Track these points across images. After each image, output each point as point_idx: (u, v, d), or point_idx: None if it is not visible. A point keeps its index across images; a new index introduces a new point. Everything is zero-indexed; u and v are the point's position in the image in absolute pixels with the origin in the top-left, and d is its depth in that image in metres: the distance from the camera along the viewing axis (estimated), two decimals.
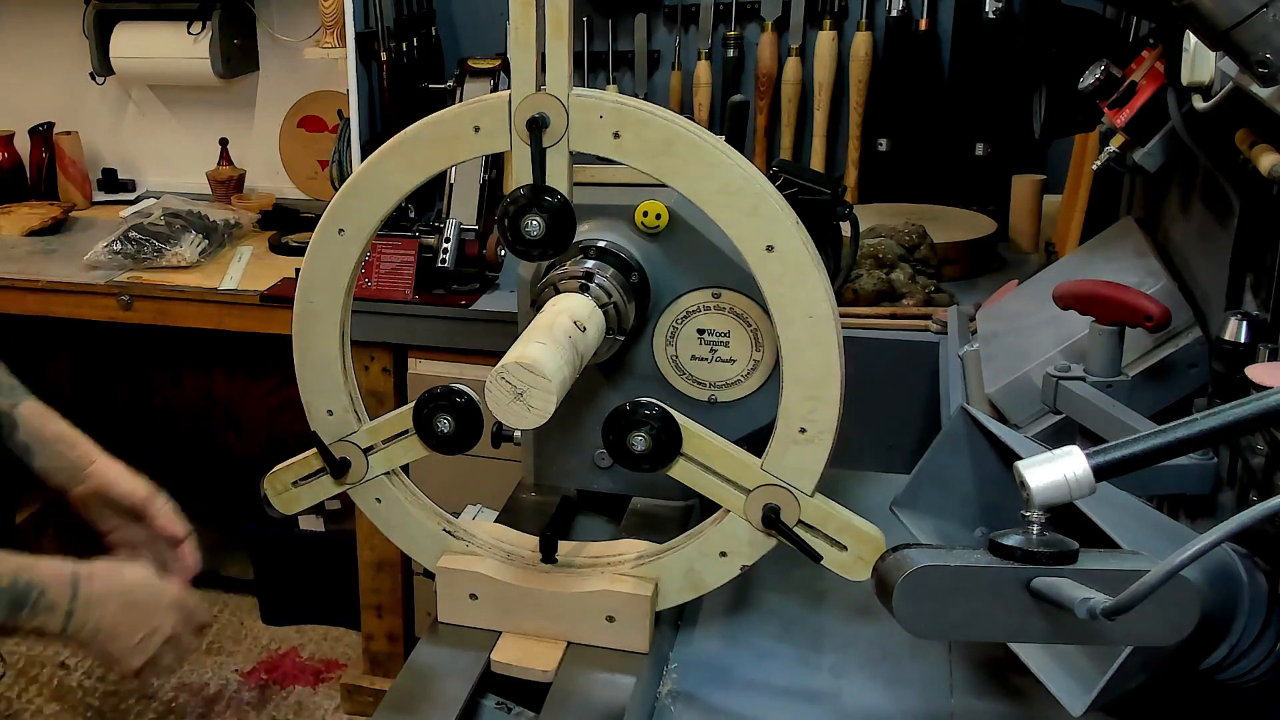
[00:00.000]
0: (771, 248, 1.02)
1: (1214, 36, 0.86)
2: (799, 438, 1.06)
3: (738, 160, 1.02)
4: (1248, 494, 1.08)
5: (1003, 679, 1.10)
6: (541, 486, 1.38)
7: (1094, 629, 0.71)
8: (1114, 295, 1.30)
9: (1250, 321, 1.08)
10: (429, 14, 2.86)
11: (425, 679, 1.12)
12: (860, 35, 2.66)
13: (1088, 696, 0.86)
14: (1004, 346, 1.61)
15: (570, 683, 1.09)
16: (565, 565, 1.17)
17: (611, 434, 1.10)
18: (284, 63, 3.16)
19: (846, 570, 1.08)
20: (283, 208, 3.14)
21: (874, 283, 2.13)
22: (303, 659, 3.01)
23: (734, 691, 1.12)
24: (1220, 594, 0.88)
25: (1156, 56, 1.43)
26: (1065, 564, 0.74)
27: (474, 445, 1.16)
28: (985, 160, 2.63)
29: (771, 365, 1.22)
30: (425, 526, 1.21)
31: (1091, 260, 1.70)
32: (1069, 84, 1.56)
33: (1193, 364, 1.36)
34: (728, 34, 2.76)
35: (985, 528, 1.08)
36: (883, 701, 1.09)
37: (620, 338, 1.21)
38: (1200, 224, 1.48)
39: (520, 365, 0.98)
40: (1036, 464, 0.73)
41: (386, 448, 1.21)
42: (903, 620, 0.76)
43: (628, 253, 1.22)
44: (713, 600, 1.20)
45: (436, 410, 1.14)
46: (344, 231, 1.12)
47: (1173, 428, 0.72)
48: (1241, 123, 1.12)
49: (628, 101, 1.04)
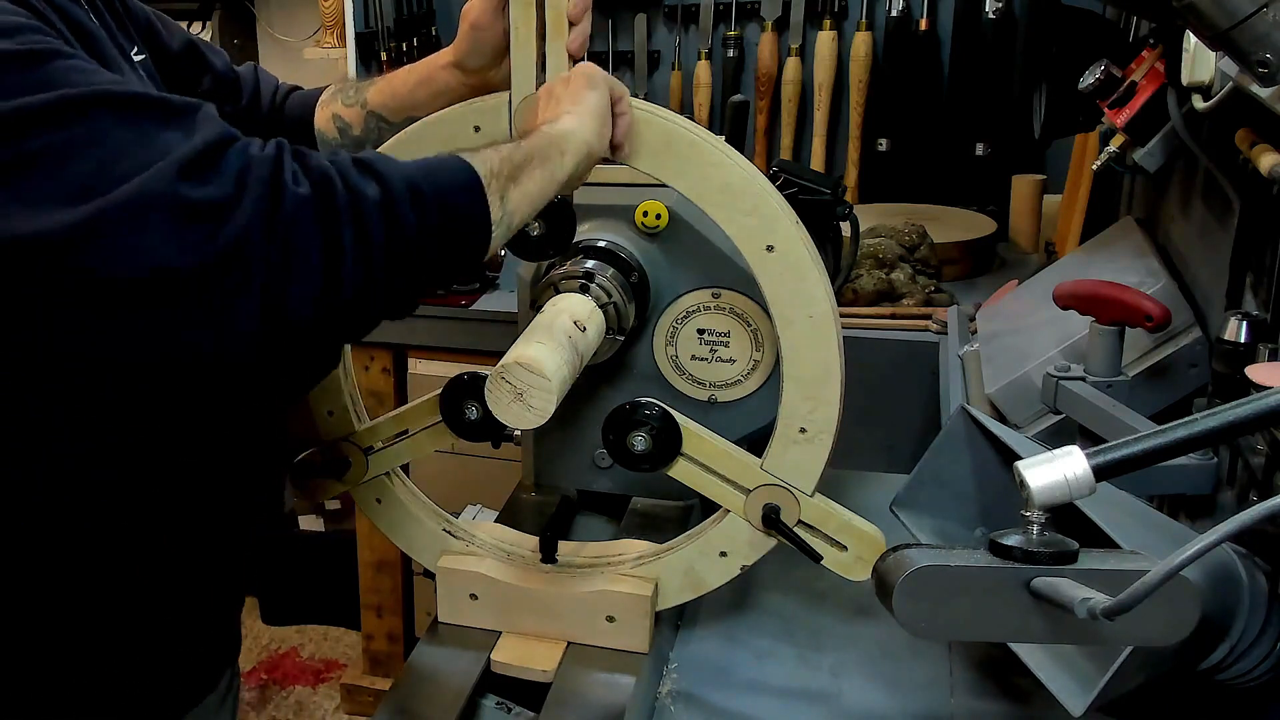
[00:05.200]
0: (771, 248, 1.02)
1: (1214, 36, 0.86)
2: (799, 438, 1.06)
3: (738, 160, 1.02)
4: (1248, 494, 1.08)
5: (1003, 679, 1.10)
6: (541, 486, 1.38)
7: (1094, 629, 0.71)
8: (1114, 295, 1.30)
9: (1250, 321, 1.08)
10: (429, 14, 2.86)
11: (425, 679, 1.12)
12: (860, 35, 2.66)
13: (1088, 696, 0.86)
14: (1004, 346, 1.61)
15: (570, 683, 1.09)
16: (565, 565, 1.17)
17: (611, 434, 1.10)
18: (284, 63, 3.16)
19: (846, 570, 1.08)
20: None
21: (874, 283, 2.13)
22: (303, 659, 3.01)
23: (734, 691, 1.11)
24: (1220, 594, 0.88)
25: (1156, 56, 1.43)
26: (1065, 564, 0.74)
27: (502, 435, 1.17)
28: (985, 160, 2.63)
29: (771, 365, 1.22)
30: (425, 526, 1.21)
31: (1091, 260, 1.70)
32: (1069, 84, 1.56)
33: (1193, 364, 1.36)
34: (728, 34, 2.76)
35: (985, 528, 1.08)
36: (883, 701, 1.09)
37: (620, 338, 1.21)
38: (1200, 224, 1.48)
39: (520, 365, 0.98)
40: (1036, 464, 0.73)
41: (386, 448, 1.21)
42: (903, 620, 0.76)
43: (628, 253, 1.22)
44: (713, 600, 1.20)
45: (465, 396, 1.15)
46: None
47: (1173, 428, 0.72)
48: (1241, 123, 1.12)
49: None
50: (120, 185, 0.75)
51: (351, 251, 0.79)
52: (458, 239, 0.87)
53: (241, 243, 0.75)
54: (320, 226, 0.78)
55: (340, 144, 1.28)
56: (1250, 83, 0.95)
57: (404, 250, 0.82)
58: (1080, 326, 1.38)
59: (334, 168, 0.80)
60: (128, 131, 0.78)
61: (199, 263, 0.75)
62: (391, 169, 0.83)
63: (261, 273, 0.76)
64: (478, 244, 0.88)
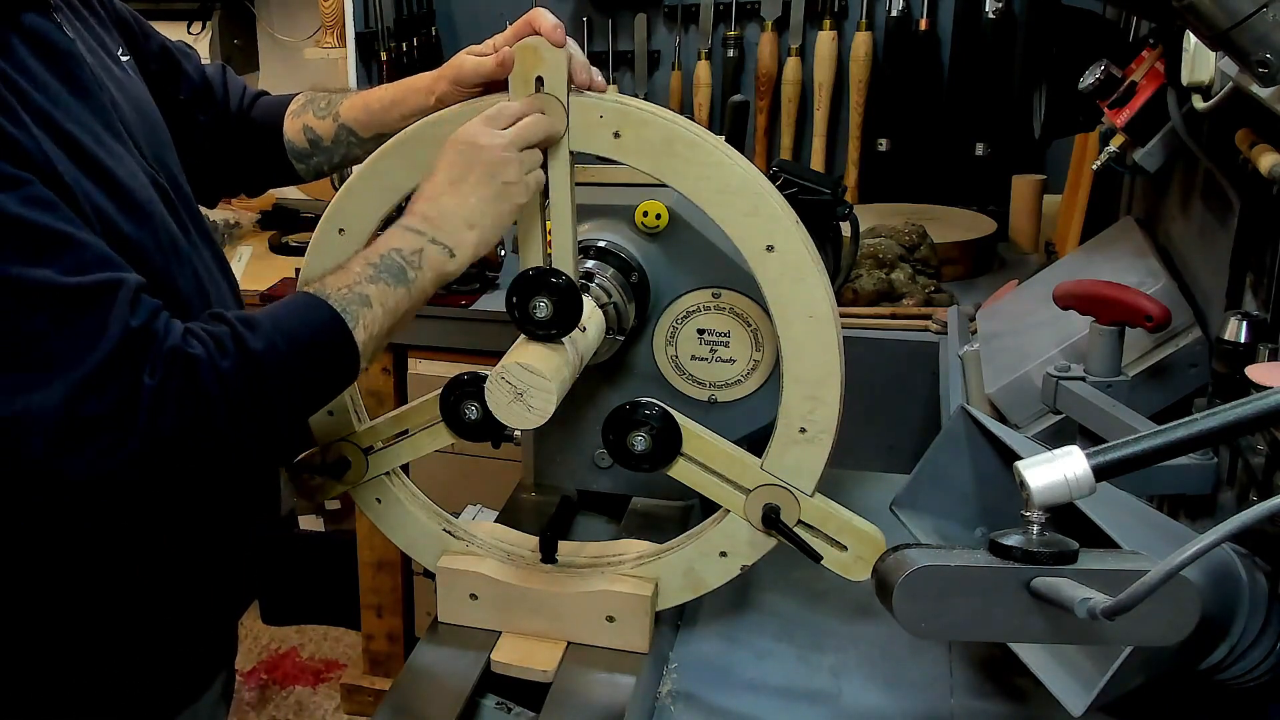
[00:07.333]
0: (771, 248, 1.02)
1: (1214, 36, 0.86)
2: (799, 438, 1.06)
3: (738, 160, 1.02)
4: (1248, 494, 1.08)
5: (1003, 679, 1.10)
6: (541, 486, 1.38)
7: (1094, 629, 0.71)
8: (1114, 295, 1.30)
9: (1250, 321, 1.08)
10: (429, 14, 2.86)
11: (425, 679, 1.12)
12: (860, 35, 2.66)
13: (1088, 696, 0.86)
14: (1004, 346, 1.61)
15: (570, 683, 1.09)
16: (565, 565, 1.17)
17: (611, 434, 1.10)
18: (284, 63, 3.16)
19: (846, 570, 1.08)
20: (283, 208, 3.14)
21: (874, 283, 2.13)
22: (303, 659, 3.01)
23: (734, 691, 1.11)
24: (1220, 594, 0.88)
25: (1156, 56, 1.43)
26: (1065, 564, 0.74)
27: (502, 435, 1.17)
28: (985, 160, 2.63)
29: (771, 365, 1.22)
30: (425, 526, 1.21)
31: (1091, 260, 1.70)
32: (1069, 84, 1.56)
33: (1193, 364, 1.36)
34: (728, 34, 2.76)
35: (985, 528, 1.08)
36: (883, 701, 1.09)
37: (620, 338, 1.21)
38: (1200, 224, 1.48)
39: (520, 366, 0.99)
40: (1036, 464, 0.73)
41: (386, 448, 1.21)
42: (903, 620, 0.76)
43: (628, 253, 1.22)
44: (713, 600, 1.20)
45: (464, 397, 1.15)
46: (344, 231, 1.12)
47: (1173, 428, 0.72)
48: (1241, 123, 1.12)
49: (628, 101, 1.04)
50: (25, 377, 0.83)
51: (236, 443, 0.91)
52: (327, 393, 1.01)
53: (128, 466, 0.85)
54: (195, 444, 0.88)
55: (310, 154, 1.30)
56: (1250, 83, 0.95)
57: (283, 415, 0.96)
58: (1080, 326, 1.38)
59: (213, 378, 0.88)
60: (41, 321, 0.84)
61: (87, 479, 0.85)
62: (271, 368, 0.92)
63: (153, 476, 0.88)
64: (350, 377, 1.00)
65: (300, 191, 3.27)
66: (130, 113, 1.07)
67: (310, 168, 1.31)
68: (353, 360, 0.96)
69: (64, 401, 0.83)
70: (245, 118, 1.31)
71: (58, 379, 0.83)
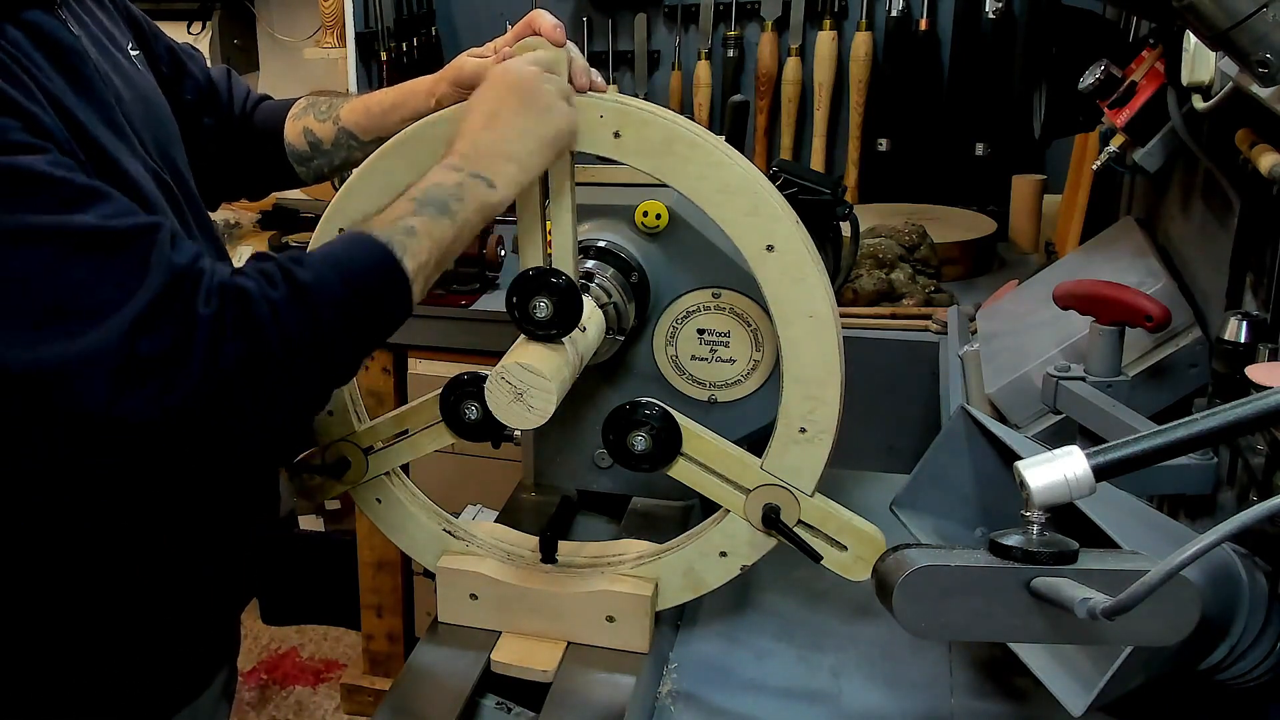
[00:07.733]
0: (771, 248, 1.02)
1: (1214, 36, 0.86)
2: (799, 438, 1.06)
3: (738, 160, 1.02)
4: (1248, 494, 1.08)
5: (1003, 679, 1.10)
6: (541, 486, 1.38)
7: (1094, 629, 0.71)
8: (1114, 295, 1.30)
9: (1250, 321, 1.08)
10: (429, 14, 2.86)
11: (425, 679, 1.12)
12: (860, 35, 2.66)
13: (1088, 696, 0.86)
14: (1004, 346, 1.61)
15: (570, 683, 1.09)
16: (565, 565, 1.17)
17: (611, 434, 1.10)
18: (284, 63, 3.16)
19: (846, 570, 1.08)
20: (283, 208, 3.13)
21: (874, 283, 2.13)
22: (303, 659, 3.01)
23: (734, 691, 1.11)
24: (1220, 594, 0.88)
25: (1156, 56, 1.43)
26: (1065, 564, 0.74)
27: (502, 435, 1.17)
28: (985, 160, 2.63)
29: (771, 365, 1.22)
30: (425, 526, 1.21)
31: (1091, 260, 1.70)
32: (1069, 84, 1.56)
33: (1193, 364, 1.36)
34: (728, 34, 2.76)
35: (985, 528, 1.08)
36: (883, 701, 1.09)
37: (620, 338, 1.21)
38: (1200, 224, 1.48)
39: (520, 366, 0.99)
40: (1036, 464, 0.73)
41: (386, 448, 1.21)
42: (903, 620, 0.76)
43: (628, 253, 1.22)
44: (713, 600, 1.20)
45: (464, 397, 1.15)
46: (344, 231, 1.12)
47: (1173, 428, 0.72)
48: (1241, 123, 1.12)
49: (628, 101, 1.04)
50: (77, 324, 0.82)
51: (282, 398, 0.89)
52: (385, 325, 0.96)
53: (189, 401, 0.84)
54: (253, 380, 0.86)
55: (311, 157, 1.30)
56: (1250, 83, 0.95)
57: (335, 352, 0.92)
58: (1080, 326, 1.38)
59: (266, 308, 0.87)
60: (83, 269, 0.83)
61: (147, 419, 0.83)
62: (323, 298, 0.90)
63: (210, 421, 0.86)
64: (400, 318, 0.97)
65: (301, 192, 3.27)
66: (136, 108, 1.07)
67: (311, 170, 1.31)
68: (404, 290, 0.94)
69: (121, 341, 0.81)
70: (248, 122, 1.32)
71: (112, 320, 0.82)
